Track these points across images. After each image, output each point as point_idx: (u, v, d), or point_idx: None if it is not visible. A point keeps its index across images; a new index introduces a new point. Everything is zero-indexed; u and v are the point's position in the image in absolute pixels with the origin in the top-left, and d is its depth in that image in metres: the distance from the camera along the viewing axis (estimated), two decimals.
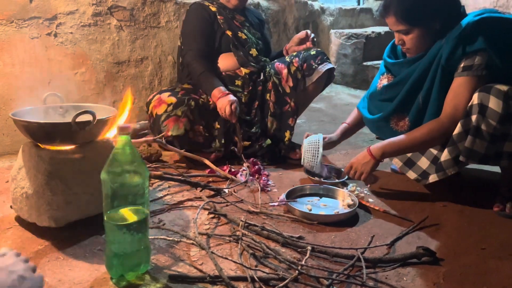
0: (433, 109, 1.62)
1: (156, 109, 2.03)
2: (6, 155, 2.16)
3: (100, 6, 2.41)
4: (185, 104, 2.00)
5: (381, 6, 1.67)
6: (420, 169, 1.70)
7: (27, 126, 1.32)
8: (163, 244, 1.33)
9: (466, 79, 1.52)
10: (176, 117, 1.97)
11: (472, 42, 1.50)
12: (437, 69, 1.60)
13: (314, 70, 2.15)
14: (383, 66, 1.87)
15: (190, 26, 2.20)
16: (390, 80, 1.80)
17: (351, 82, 4.17)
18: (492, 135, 1.45)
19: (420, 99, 1.66)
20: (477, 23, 1.51)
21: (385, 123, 1.78)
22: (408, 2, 1.59)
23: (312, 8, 4.09)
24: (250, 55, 2.21)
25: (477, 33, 1.50)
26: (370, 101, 1.89)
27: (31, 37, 2.19)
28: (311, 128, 2.76)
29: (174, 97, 2.02)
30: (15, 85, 2.15)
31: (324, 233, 1.44)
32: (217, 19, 2.20)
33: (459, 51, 1.52)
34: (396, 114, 1.74)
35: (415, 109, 1.68)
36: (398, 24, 1.62)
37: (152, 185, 1.79)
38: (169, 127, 1.97)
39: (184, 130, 1.97)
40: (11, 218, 1.47)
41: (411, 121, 1.70)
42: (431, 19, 1.59)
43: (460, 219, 1.55)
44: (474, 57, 1.50)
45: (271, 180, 1.89)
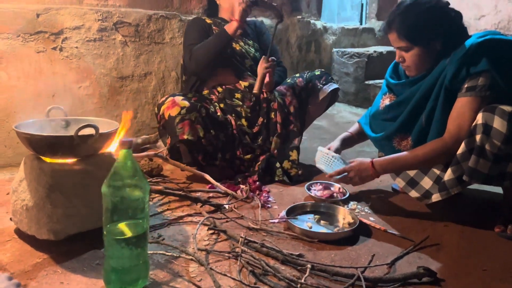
0: (436, 129, 1.62)
1: (169, 110, 1.97)
2: (8, 167, 2.16)
3: (106, 22, 2.44)
4: (197, 110, 1.97)
5: (385, 22, 1.70)
6: (423, 189, 1.70)
7: (30, 139, 1.32)
8: (162, 259, 1.32)
9: (469, 99, 1.53)
10: (191, 121, 1.94)
11: (476, 63, 1.51)
12: (440, 89, 1.60)
13: (319, 90, 2.18)
14: (385, 86, 1.88)
15: (190, 36, 2.21)
16: (392, 100, 1.81)
17: (353, 100, 4.19)
18: (496, 155, 1.45)
19: (423, 119, 1.66)
20: (480, 44, 1.52)
21: (387, 142, 1.79)
22: (411, 20, 1.61)
23: (314, 27, 4.14)
24: (244, 66, 2.23)
25: (481, 54, 1.51)
26: (372, 120, 1.90)
27: (36, 51, 2.21)
28: (312, 145, 2.76)
29: (187, 101, 1.98)
30: (19, 98, 2.17)
31: (324, 251, 1.43)
32: (212, 30, 2.23)
33: (463, 72, 1.53)
34: (398, 133, 1.74)
35: (417, 129, 1.68)
36: (399, 40, 1.64)
37: (152, 200, 1.79)
38: (184, 130, 1.93)
39: (198, 137, 1.96)
40: (10, 231, 1.46)
41: (413, 140, 1.70)
42: (432, 39, 1.61)
43: (461, 240, 1.54)
44: (477, 78, 1.51)
45: (272, 196, 1.89)
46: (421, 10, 1.60)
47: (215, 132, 2.03)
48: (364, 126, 1.94)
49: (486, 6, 4.37)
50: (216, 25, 2.26)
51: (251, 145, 2.11)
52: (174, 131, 1.94)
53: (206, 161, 2.05)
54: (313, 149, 2.64)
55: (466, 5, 4.51)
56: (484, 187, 1.87)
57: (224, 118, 2.08)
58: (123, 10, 2.53)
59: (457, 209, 1.79)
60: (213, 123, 2.03)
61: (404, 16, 1.62)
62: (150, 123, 2.72)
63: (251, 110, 2.17)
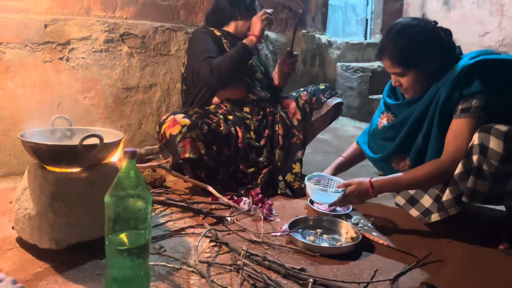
0: (433, 149, 1.64)
1: (170, 129, 1.97)
2: (12, 175, 2.17)
3: (113, 33, 2.47)
4: (199, 127, 1.96)
5: (377, 49, 1.72)
6: (422, 207, 1.70)
7: (34, 148, 1.33)
8: (163, 271, 1.32)
9: (465, 120, 1.55)
10: (192, 139, 1.94)
11: (469, 85, 1.53)
12: (435, 111, 1.62)
13: (323, 104, 2.19)
14: (383, 104, 1.90)
15: (204, 47, 2.16)
16: (390, 119, 1.82)
17: (357, 114, 4.20)
18: (494, 175, 1.46)
19: (419, 140, 1.68)
20: (472, 66, 1.54)
21: (386, 163, 1.80)
22: (402, 46, 1.61)
23: (319, 41, 4.17)
24: (256, 79, 2.25)
25: (473, 76, 1.53)
26: (371, 139, 1.91)
27: (43, 61, 2.24)
28: (315, 158, 2.76)
29: (188, 119, 1.98)
30: (25, 107, 2.19)
31: (326, 266, 1.42)
32: (223, 42, 2.23)
33: (456, 94, 1.56)
34: (396, 154, 1.76)
35: (415, 150, 1.70)
36: (393, 67, 1.66)
37: (154, 211, 1.78)
38: (186, 149, 1.93)
39: (200, 154, 1.95)
40: (12, 239, 1.46)
41: (411, 161, 1.71)
42: (425, 61, 1.63)
43: (464, 256, 1.53)
44: (471, 99, 1.53)
45: (274, 209, 1.88)
46: (411, 34, 1.61)
47: (218, 147, 2.02)
48: (363, 145, 1.95)
49: (490, 23, 4.40)
50: (226, 38, 2.25)
51: (256, 160, 2.11)
52: (175, 149, 1.94)
53: (209, 177, 2.04)
54: (316, 162, 2.64)
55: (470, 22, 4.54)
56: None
57: (228, 131, 2.07)
58: (129, 22, 2.56)
59: (460, 225, 1.78)
60: (215, 138, 2.02)
61: (395, 42, 1.63)
62: (154, 134, 2.72)
63: (259, 123, 2.18)
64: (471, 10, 4.54)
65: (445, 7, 4.79)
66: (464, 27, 4.58)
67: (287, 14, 3.80)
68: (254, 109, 2.18)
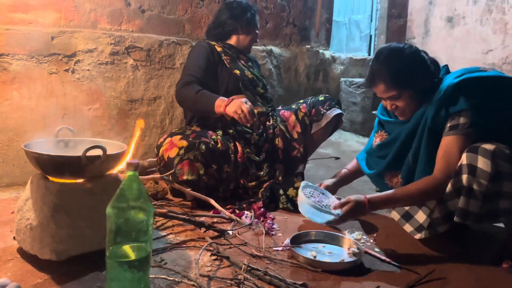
0: (421, 167, 1.66)
1: (167, 152, 1.99)
2: (15, 186, 2.17)
3: (118, 46, 2.49)
4: (196, 148, 1.96)
5: (367, 76, 1.75)
6: (416, 223, 1.72)
7: (38, 158, 1.34)
8: (163, 284, 1.31)
9: (454, 138, 1.57)
10: (190, 161, 1.94)
11: (455, 103, 1.57)
12: (423, 130, 1.65)
13: (323, 116, 2.18)
14: (377, 123, 1.93)
15: (191, 60, 2.22)
16: (384, 137, 1.86)
17: (360, 129, 4.20)
18: (485, 195, 1.47)
19: (409, 158, 1.71)
20: (457, 85, 1.59)
21: (380, 179, 1.84)
22: (396, 67, 1.66)
23: (323, 57, 4.19)
24: (257, 93, 2.26)
25: (458, 94, 1.57)
26: (368, 156, 1.95)
27: (49, 72, 2.26)
28: (318, 173, 2.76)
29: (185, 140, 1.98)
30: (30, 117, 2.20)
31: (328, 282, 1.40)
32: (223, 59, 2.24)
33: (442, 112, 1.59)
34: (388, 171, 1.79)
35: (406, 167, 1.73)
36: (389, 90, 1.68)
37: (156, 223, 1.78)
38: (184, 171, 1.94)
39: (198, 175, 1.95)
40: (13, 250, 1.46)
41: (403, 178, 1.75)
42: (417, 80, 1.67)
43: (467, 274, 1.51)
44: (458, 117, 1.57)
45: (276, 224, 1.87)
46: (401, 55, 1.67)
47: (217, 165, 2.02)
48: (361, 162, 1.99)
49: (493, 41, 4.43)
50: (226, 54, 2.26)
51: (256, 174, 2.11)
52: (174, 172, 1.95)
53: (209, 196, 2.03)
54: (319, 177, 2.64)
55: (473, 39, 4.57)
56: None
57: (226, 147, 2.07)
58: (135, 35, 2.59)
59: (463, 243, 1.76)
60: (214, 157, 2.01)
61: (387, 65, 1.67)
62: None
63: (259, 137, 2.18)
64: (475, 28, 4.57)
65: (448, 24, 4.82)
66: (468, 44, 4.60)
67: (291, 29, 3.83)
68: (254, 122, 2.18)
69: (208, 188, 2.01)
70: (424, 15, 5.08)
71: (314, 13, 4.04)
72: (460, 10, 4.71)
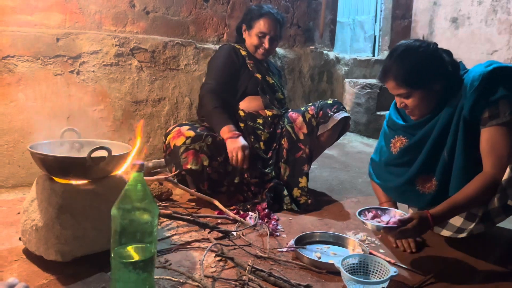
0: (459, 163, 1.59)
1: (174, 140, 2.02)
2: (20, 187, 2.18)
3: (123, 47, 2.50)
4: (203, 140, 1.99)
5: (380, 72, 1.70)
6: (454, 227, 1.66)
7: (43, 159, 1.34)
8: (168, 285, 1.31)
9: (497, 128, 1.51)
10: (195, 151, 1.97)
11: (493, 91, 1.51)
12: (458, 123, 1.59)
13: (330, 118, 2.18)
14: (387, 129, 1.86)
15: (217, 62, 2.27)
16: (404, 142, 1.76)
17: (364, 130, 4.19)
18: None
19: (445, 155, 1.63)
20: (492, 72, 1.52)
21: (410, 187, 1.72)
22: (407, 66, 1.60)
23: (327, 58, 4.19)
24: (276, 99, 2.29)
25: (495, 82, 1.52)
26: (384, 168, 1.84)
27: (54, 73, 2.27)
28: (322, 174, 2.75)
29: (193, 131, 2.02)
30: (35, 119, 2.21)
31: (332, 283, 1.40)
32: (247, 63, 2.29)
33: (481, 102, 1.52)
34: (420, 175, 1.70)
35: (441, 166, 1.64)
36: (399, 88, 1.63)
37: (160, 224, 1.78)
38: (188, 160, 1.96)
39: (202, 166, 1.97)
40: (19, 250, 1.47)
41: (438, 179, 1.66)
42: (430, 81, 1.61)
43: (473, 276, 1.50)
44: (497, 105, 1.51)
45: (281, 225, 1.87)
46: (416, 54, 1.61)
47: (223, 159, 2.04)
48: (377, 180, 1.88)
49: (498, 42, 4.41)
50: (250, 59, 2.31)
51: (261, 170, 2.11)
52: (178, 160, 1.97)
53: (212, 189, 2.05)
54: (323, 178, 2.63)
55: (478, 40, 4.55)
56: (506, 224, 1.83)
57: None
58: (140, 37, 2.60)
59: (470, 245, 1.75)
60: (219, 150, 2.03)
61: (399, 63, 1.61)
62: (162, 148, 2.73)
63: (270, 135, 2.20)
64: (480, 28, 4.55)
65: (453, 25, 4.80)
66: (473, 45, 4.59)
67: (295, 30, 3.83)
68: (267, 121, 2.22)
69: (211, 181, 2.03)
70: (428, 15, 5.06)
71: (318, 14, 4.04)
72: (465, 11, 4.69)
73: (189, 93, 2.83)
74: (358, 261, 1.43)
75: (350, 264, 1.42)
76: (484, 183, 1.52)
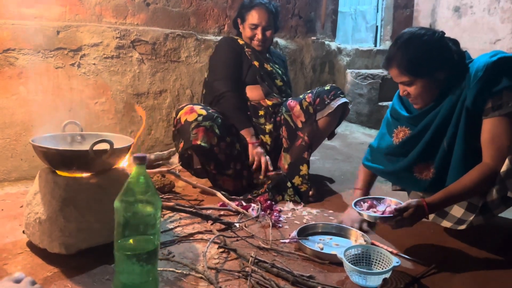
0: (459, 153, 1.59)
1: (186, 115, 2.04)
2: (23, 180, 2.19)
3: (124, 40, 2.49)
4: (213, 119, 2.04)
5: (384, 59, 1.69)
6: (454, 218, 1.66)
7: (46, 152, 1.34)
8: (171, 276, 1.32)
9: (499, 119, 1.50)
10: (205, 128, 2.00)
11: (497, 81, 1.50)
12: (460, 113, 1.58)
13: (326, 105, 2.17)
14: (391, 118, 1.85)
15: (221, 56, 2.29)
16: (407, 132, 1.76)
17: (366, 121, 4.18)
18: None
19: (445, 145, 1.63)
20: (496, 63, 1.51)
21: (407, 174, 1.73)
22: (411, 54, 1.59)
23: (329, 48, 4.17)
24: (275, 86, 2.28)
25: (499, 72, 1.50)
26: (384, 156, 1.84)
27: (55, 66, 2.26)
28: (324, 165, 2.75)
29: (205, 111, 2.06)
30: (37, 112, 2.21)
31: (335, 273, 1.41)
32: (245, 51, 2.30)
33: (485, 92, 1.51)
34: (419, 163, 1.70)
35: (440, 155, 1.65)
36: (402, 76, 1.62)
37: (163, 216, 1.79)
38: (198, 136, 1.98)
39: (211, 144, 2.01)
40: (22, 243, 1.47)
41: (436, 167, 1.66)
42: (433, 70, 1.60)
43: (476, 266, 1.51)
44: (501, 96, 1.50)
45: (283, 216, 1.87)
46: (420, 43, 1.59)
47: (231, 140, 2.08)
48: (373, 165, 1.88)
49: (501, 31, 4.38)
50: (248, 47, 2.32)
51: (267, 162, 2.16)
52: (188, 136, 2.00)
53: (218, 170, 2.08)
54: (325, 170, 2.63)
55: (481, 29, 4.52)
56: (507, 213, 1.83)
57: None
58: (140, 29, 2.59)
59: (473, 235, 1.75)
60: (228, 132, 2.10)
61: (403, 51, 1.60)
62: (164, 140, 2.74)
63: (273, 126, 2.25)
64: (482, 18, 4.51)
65: (455, 14, 4.77)
66: (475, 34, 4.55)
67: (297, 21, 3.81)
68: (268, 112, 2.25)
69: (218, 162, 2.07)
70: (431, 5, 5.02)
71: (319, 4, 4.01)
72: (468, 0, 4.65)
73: (190, 85, 2.83)
74: (361, 252, 1.45)
75: (353, 254, 1.44)
76: (482, 174, 1.52)
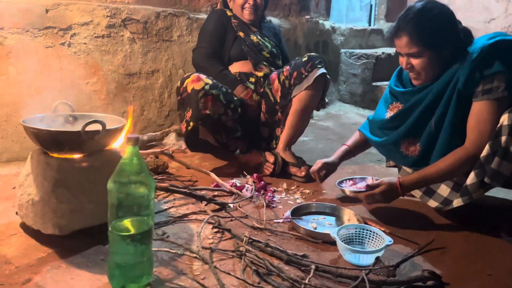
0: (446, 134, 1.60)
1: (193, 83, 2.01)
2: (15, 161, 2.17)
3: (114, 18, 2.45)
4: (219, 88, 2.04)
5: (393, 27, 1.64)
6: (441, 197, 1.68)
7: (37, 134, 1.33)
8: (166, 256, 1.32)
9: (487, 103, 1.50)
10: (213, 97, 1.99)
11: (490, 65, 1.49)
12: (452, 94, 1.58)
13: (304, 79, 2.10)
14: (388, 94, 1.85)
15: (207, 27, 2.35)
16: (400, 108, 1.77)
17: (360, 101, 4.18)
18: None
19: (432, 124, 1.63)
20: (492, 46, 1.50)
21: (394, 148, 1.75)
22: (424, 25, 1.56)
23: (323, 28, 4.12)
24: (263, 57, 2.27)
25: (494, 56, 1.49)
26: (376, 128, 1.86)
27: (45, 46, 2.22)
28: (318, 146, 2.76)
29: (211, 80, 2.05)
30: (27, 92, 2.18)
31: (328, 252, 1.42)
32: (231, 22, 2.31)
33: (476, 74, 1.51)
34: (406, 138, 1.71)
35: (427, 134, 1.65)
36: (411, 46, 1.58)
37: (157, 197, 1.79)
38: (207, 105, 1.98)
39: (219, 114, 2.02)
40: (16, 225, 1.47)
41: (422, 145, 1.67)
42: (443, 43, 1.58)
43: (467, 244, 1.53)
44: (492, 80, 1.49)
45: (277, 196, 1.88)
46: (433, 15, 1.57)
47: (234, 104, 2.10)
48: (367, 132, 1.91)
49: (496, 10, 4.35)
50: (235, 18, 2.36)
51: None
52: (196, 105, 1.98)
53: (229, 137, 2.13)
54: (319, 150, 2.64)
55: (476, 8, 4.49)
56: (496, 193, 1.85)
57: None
58: (131, 7, 2.54)
59: (463, 214, 1.77)
60: (232, 99, 2.12)
61: (417, 20, 1.57)
62: (157, 121, 2.72)
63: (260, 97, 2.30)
64: None
65: None
66: (470, 13, 4.52)
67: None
68: (259, 81, 2.28)
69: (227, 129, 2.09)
70: None
71: None
72: None
73: (182, 65, 2.79)
74: (354, 231, 1.46)
75: (346, 234, 1.45)
76: (458, 159, 1.54)
